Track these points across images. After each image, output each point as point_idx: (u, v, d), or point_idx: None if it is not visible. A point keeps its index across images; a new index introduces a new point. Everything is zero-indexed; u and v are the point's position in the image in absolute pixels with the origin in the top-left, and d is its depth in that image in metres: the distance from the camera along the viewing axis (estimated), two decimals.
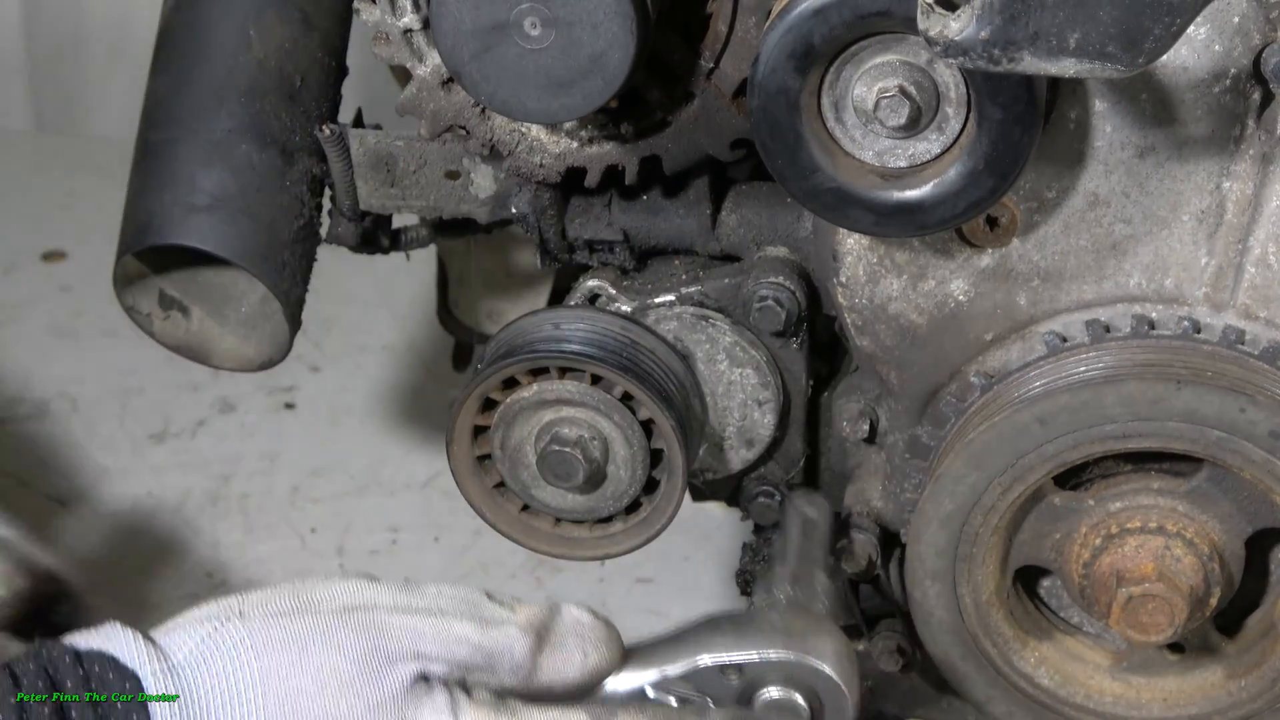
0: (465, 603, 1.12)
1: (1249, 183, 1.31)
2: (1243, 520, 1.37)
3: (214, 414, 2.73)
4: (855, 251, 1.39)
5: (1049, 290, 1.37)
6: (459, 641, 1.09)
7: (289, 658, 1.06)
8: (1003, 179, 1.22)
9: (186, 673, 1.05)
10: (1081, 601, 1.41)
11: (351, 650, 1.07)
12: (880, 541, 1.52)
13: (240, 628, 1.07)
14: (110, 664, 1.03)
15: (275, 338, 1.58)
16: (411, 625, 1.09)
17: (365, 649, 1.07)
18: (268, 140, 1.52)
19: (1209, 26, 1.24)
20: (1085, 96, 1.29)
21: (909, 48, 1.20)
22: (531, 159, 1.44)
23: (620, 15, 1.23)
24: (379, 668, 1.07)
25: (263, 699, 1.04)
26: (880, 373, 1.46)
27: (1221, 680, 1.44)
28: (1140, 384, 1.30)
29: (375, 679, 1.06)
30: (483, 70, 1.27)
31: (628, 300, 1.51)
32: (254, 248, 1.50)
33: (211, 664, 1.05)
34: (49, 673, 1.02)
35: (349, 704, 1.05)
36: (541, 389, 1.41)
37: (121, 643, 1.05)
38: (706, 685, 1.17)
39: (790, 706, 1.17)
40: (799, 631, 1.19)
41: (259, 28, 1.53)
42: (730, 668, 1.16)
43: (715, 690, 1.17)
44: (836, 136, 1.24)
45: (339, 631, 1.07)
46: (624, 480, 1.45)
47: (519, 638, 1.11)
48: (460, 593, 1.13)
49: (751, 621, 1.21)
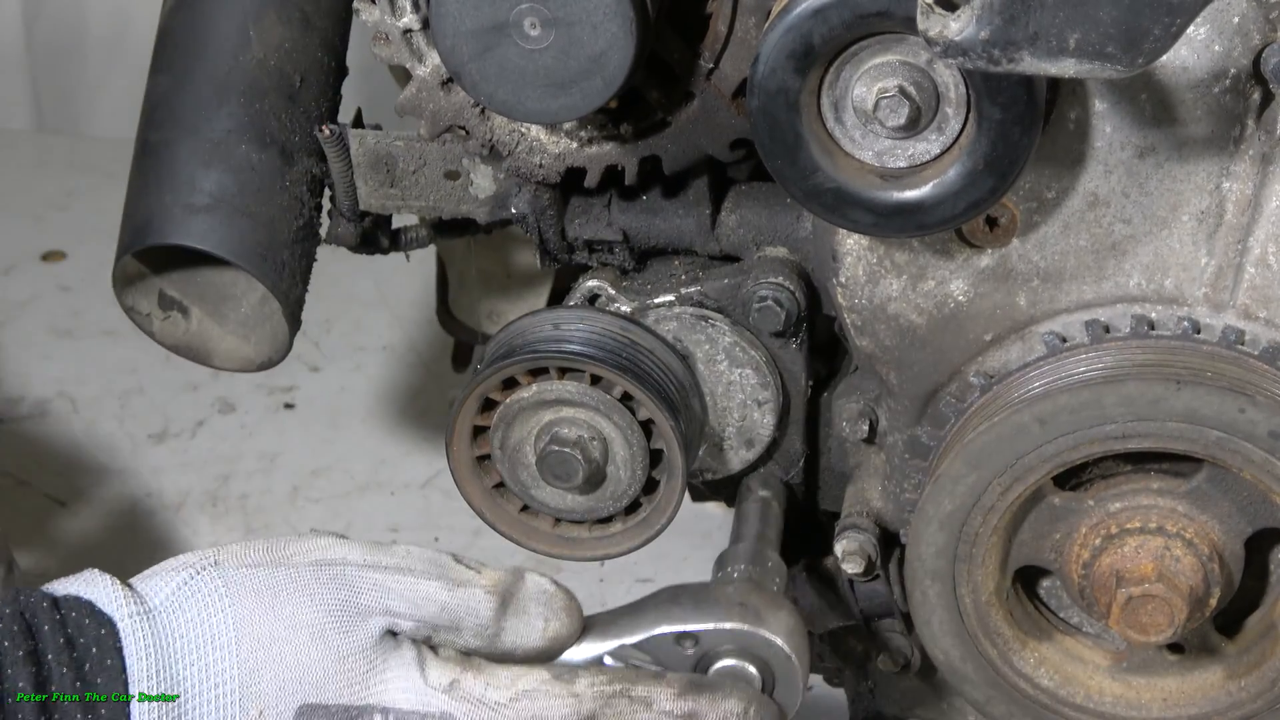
0: (433, 563, 1.14)
1: (1249, 183, 1.31)
2: (1242, 520, 1.37)
3: (214, 414, 2.73)
4: (855, 252, 1.39)
5: (1049, 290, 1.37)
6: (426, 600, 1.12)
7: (262, 606, 1.08)
8: (1002, 179, 1.22)
9: (162, 616, 1.07)
10: (1081, 602, 1.41)
11: (324, 602, 1.09)
12: (880, 541, 1.52)
13: (216, 576, 1.09)
14: (87, 609, 1.05)
15: (275, 338, 1.58)
16: (381, 581, 1.11)
17: (337, 601, 1.09)
18: (267, 140, 1.52)
19: (1209, 26, 1.24)
20: (1085, 96, 1.29)
21: (909, 48, 1.20)
22: (531, 159, 1.44)
23: (620, 15, 1.23)
24: (350, 619, 1.09)
25: (236, 644, 1.06)
26: (880, 373, 1.46)
27: (1221, 681, 1.44)
28: (1140, 384, 1.30)
29: (346, 630, 1.09)
30: (482, 70, 1.27)
31: (627, 300, 1.51)
32: (253, 248, 1.50)
33: (187, 609, 1.07)
34: (25, 617, 1.03)
35: (320, 653, 1.07)
36: (541, 389, 1.41)
37: (99, 588, 1.07)
38: (662, 654, 1.19)
39: (743, 675, 1.20)
40: (754, 605, 1.21)
41: (259, 28, 1.53)
42: (686, 637, 1.19)
43: (671, 659, 1.19)
44: (836, 137, 1.24)
45: (311, 583, 1.10)
46: (624, 481, 1.45)
47: (485, 599, 1.13)
48: (428, 554, 1.15)
49: (708, 594, 1.23)
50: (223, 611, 1.07)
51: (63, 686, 1.02)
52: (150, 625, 1.06)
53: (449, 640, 1.13)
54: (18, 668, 1.01)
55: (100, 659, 1.03)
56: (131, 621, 1.05)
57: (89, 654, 1.03)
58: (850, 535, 1.51)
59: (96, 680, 1.03)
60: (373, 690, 1.08)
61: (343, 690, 1.07)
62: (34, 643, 1.02)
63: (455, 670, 1.11)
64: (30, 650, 1.01)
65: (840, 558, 1.51)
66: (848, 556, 1.51)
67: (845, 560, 1.51)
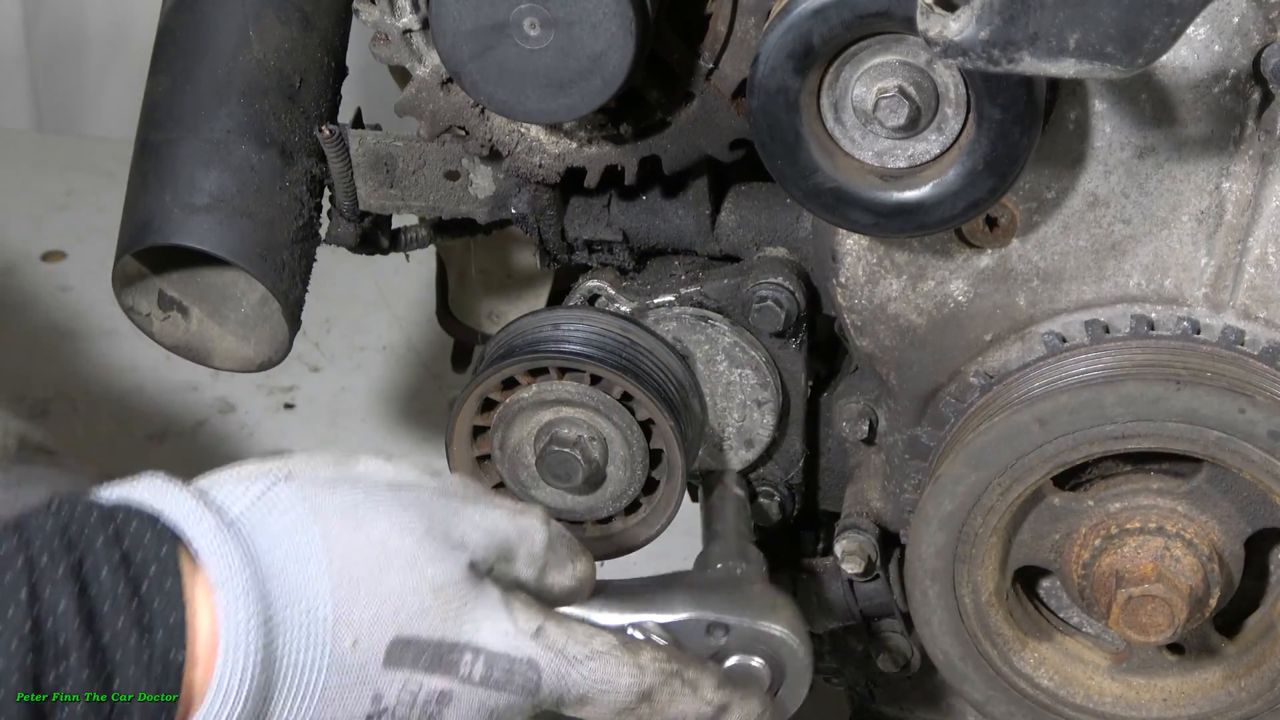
0: (485, 491, 1.10)
1: (1249, 183, 1.31)
2: (1242, 520, 1.37)
3: (214, 414, 2.73)
4: (855, 252, 1.39)
5: (1048, 291, 1.37)
6: (495, 527, 1.07)
7: (350, 527, 1.00)
8: (1002, 179, 1.22)
9: (247, 529, 0.97)
10: (1081, 602, 1.41)
11: (411, 528, 1.02)
12: (880, 541, 1.52)
13: (295, 489, 1.00)
14: (149, 523, 0.95)
15: (275, 338, 1.58)
16: (458, 509, 1.06)
17: (423, 528, 1.03)
18: (267, 140, 1.52)
19: (1209, 26, 1.24)
20: (1085, 97, 1.29)
21: (908, 48, 1.20)
22: (531, 159, 1.44)
23: (620, 15, 1.23)
24: (438, 548, 1.03)
25: (328, 565, 0.98)
26: (880, 373, 1.46)
27: (1221, 681, 1.44)
28: (1140, 384, 1.30)
29: (437, 559, 1.02)
30: (482, 71, 1.27)
31: (627, 300, 1.51)
32: (253, 248, 1.50)
33: (274, 523, 0.98)
34: (67, 530, 0.92)
35: (414, 582, 1.01)
36: (541, 389, 1.41)
37: (163, 496, 0.97)
38: (685, 637, 1.19)
39: (756, 672, 1.20)
40: (779, 607, 1.22)
41: (258, 28, 1.53)
42: (719, 627, 1.19)
43: (694, 644, 1.19)
44: (836, 137, 1.24)
45: (394, 507, 1.03)
46: (623, 481, 1.45)
47: (540, 529, 1.10)
48: (476, 484, 1.11)
49: (740, 587, 1.24)
50: (310, 529, 0.98)
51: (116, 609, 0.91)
52: (235, 538, 0.96)
53: (503, 571, 1.08)
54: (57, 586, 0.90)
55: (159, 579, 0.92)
56: (217, 534, 0.95)
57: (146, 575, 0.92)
58: (850, 535, 1.51)
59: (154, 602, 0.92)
60: (465, 627, 1.02)
61: (437, 625, 1.01)
62: (79, 557, 0.91)
63: (540, 616, 1.06)
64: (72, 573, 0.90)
65: (840, 558, 1.51)
66: (848, 556, 1.51)
67: (845, 560, 1.51)
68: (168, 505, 0.96)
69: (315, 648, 0.97)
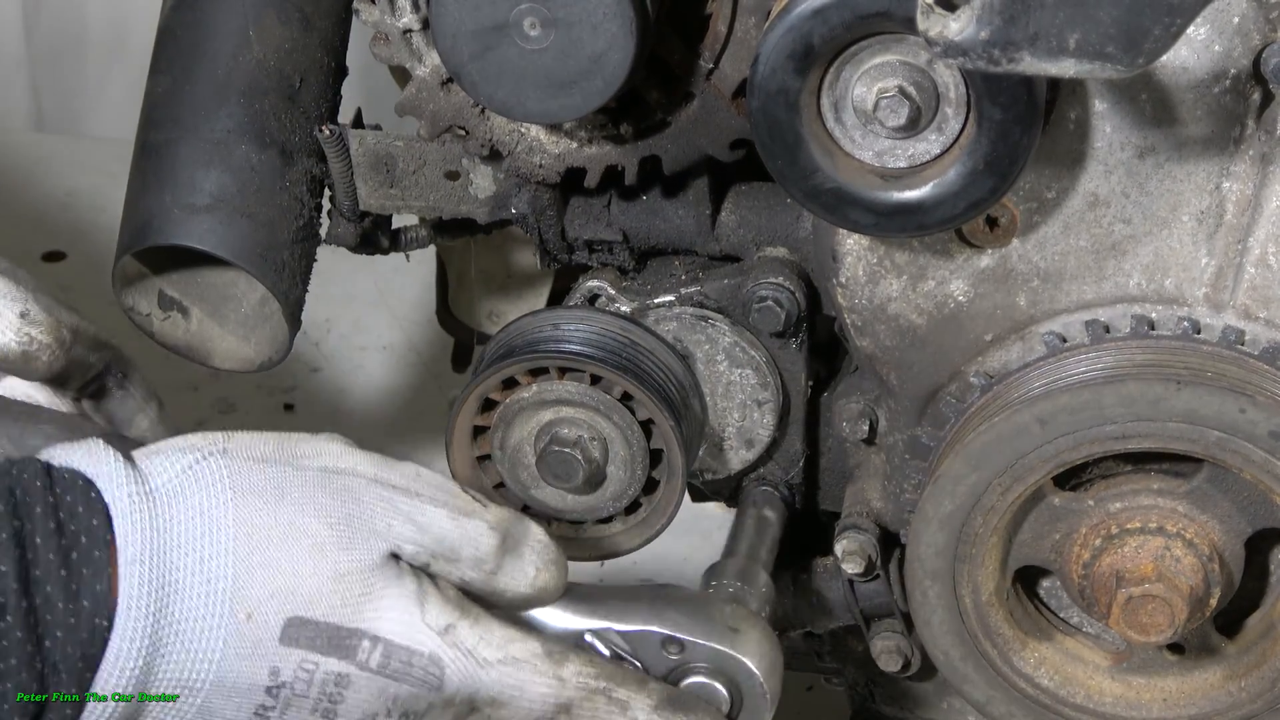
0: (441, 489, 1.11)
1: (1249, 183, 1.31)
2: (1243, 521, 1.37)
3: (214, 414, 2.72)
4: (855, 252, 1.39)
5: (1049, 291, 1.37)
6: (431, 525, 1.09)
7: (266, 507, 1.05)
8: (1002, 179, 1.22)
9: (162, 499, 1.04)
10: (1081, 602, 1.41)
11: (328, 513, 1.06)
12: (880, 541, 1.52)
13: (222, 465, 1.06)
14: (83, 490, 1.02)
15: (275, 338, 1.58)
16: (389, 500, 1.09)
17: (342, 515, 1.06)
18: (267, 140, 1.52)
19: (1209, 26, 1.24)
20: (1085, 96, 1.29)
21: (908, 48, 1.20)
22: (531, 159, 1.44)
23: (620, 15, 1.23)
24: (353, 536, 1.06)
25: (234, 541, 1.03)
26: (880, 373, 1.45)
27: (1221, 681, 1.44)
28: (1140, 384, 1.30)
29: (347, 546, 1.06)
30: (482, 71, 1.27)
31: (627, 300, 1.51)
32: (253, 248, 1.50)
33: (189, 495, 1.04)
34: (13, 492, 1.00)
35: (315, 565, 1.05)
36: (541, 389, 1.41)
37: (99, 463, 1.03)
38: (643, 651, 1.19)
39: (714, 696, 1.19)
40: (745, 632, 1.21)
41: (258, 28, 1.53)
42: (674, 642, 1.19)
43: (649, 658, 1.19)
44: (836, 137, 1.24)
45: (318, 492, 1.07)
46: (623, 480, 1.45)
47: (487, 534, 1.11)
48: (436, 478, 1.13)
49: (705, 607, 1.23)
50: (225, 505, 1.04)
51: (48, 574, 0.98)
52: (149, 507, 1.03)
53: (445, 570, 1.10)
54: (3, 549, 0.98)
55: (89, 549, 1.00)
56: (130, 501, 1.02)
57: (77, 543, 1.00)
58: (850, 535, 1.51)
59: (83, 570, 1.00)
60: (366, 615, 1.05)
61: (335, 609, 1.05)
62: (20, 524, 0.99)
63: (453, 614, 1.08)
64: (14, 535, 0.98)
65: (840, 558, 1.51)
66: (848, 556, 1.51)
67: (845, 560, 1.51)
68: (100, 473, 1.03)
69: (211, 615, 1.02)
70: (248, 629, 1.03)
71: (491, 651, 1.09)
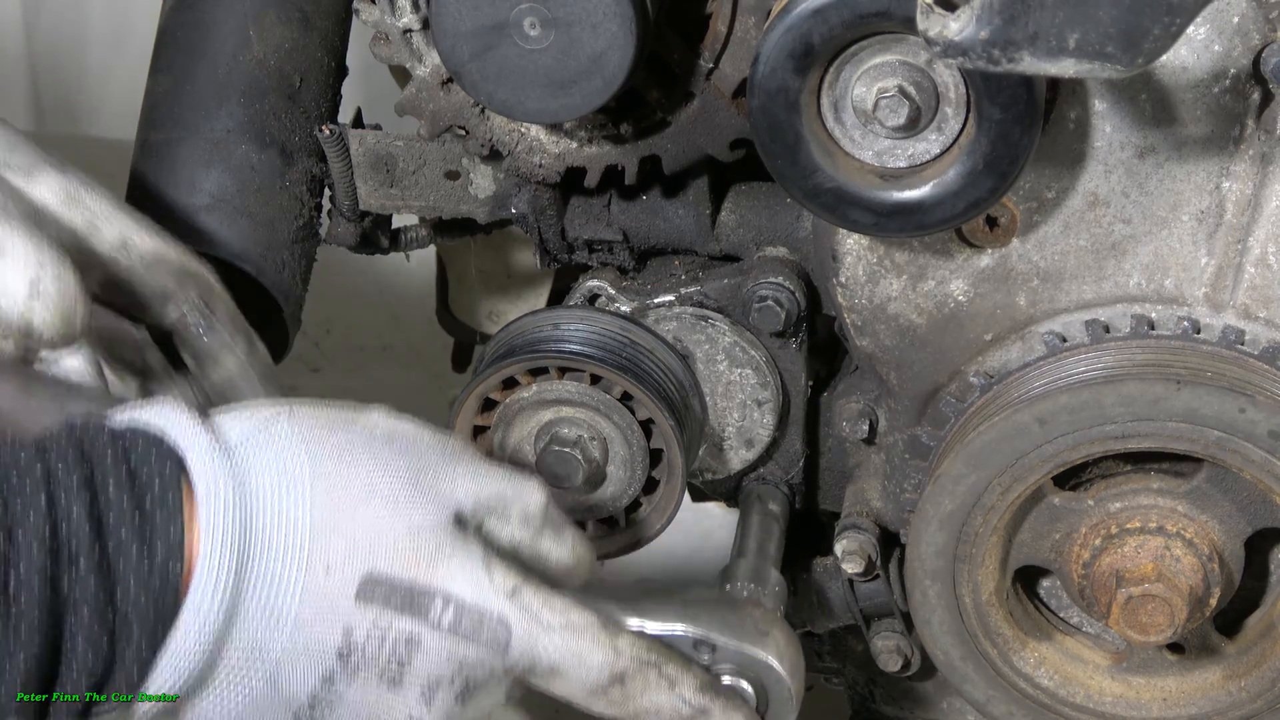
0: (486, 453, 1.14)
1: (1249, 183, 1.31)
2: (1242, 520, 1.37)
3: None
4: (855, 252, 1.39)
5: (1049, 290, 1.37)
6: (488, 480, 1.11)
7: (340, 464, 1.05)
8: (1002, 179, 1.22)
9: (240, 453, 1.03)
10: (1081, 602, 1.41)
11: (399, 472, 1.07)
12: (880, 541, 1.52)
13: (293, 424, 1.06)
14: (154, 443, 1.01)
15: (275, 338, 1.58)
16: (450, 459, 1.10)
17: (410, 474, 1.07)
18: (267, 140, 1.52)
19: (1209, 26, 1.24)
20: (1085, 96, 1.29)
21: (908, 48, 1.20)
22: (531, 159, 1.44)
23: (620, 15, 1.23)
24: (424, 494, 1.07)
25: (312, 496, 1.03)
26: (880, 373, 1.46)
27: (1221, 680, 1.44)
28: (1140, 384, 1.30)
29: (420, 504, 1.06)
30: (482, 70, 1.27)
31: (627, 300, 1.51)
32: (253, 248, 1.50)
33: (265, 450, 1.03)
34: (83, 449, 0.99)
35: (392, 521, 1.05)
36: (541, 389, 1.41)
37: (170, 419, 1.03)
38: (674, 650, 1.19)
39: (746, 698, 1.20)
40: (774, 637, 1.22)
41: (259, 28, 1.53)
42: (705, 645, 1.19)
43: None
44: (836, 136, 1.24)
45: (386, 452, 1.07)
46: (623, 480, 1.45)
47: (538, 491, 1.14)
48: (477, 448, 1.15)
49: (736, 610, 1.23)
50: (301, 460, 1.04)
51: (120, 520, 0.97)
52: (228, 462, 1.02)
53: (496, 529, 1.11)
54: (71, 495, 0.96)
55: (162, 495, 0.98)
56: (207, 457, 1.01)
57: (150, 492, 0.98)
58: (850, 535, 1.51)
59: (155, 516, 0.98)
60: (439, 574, 1.05)
61: (410, 565, 1.04)
62: (89, 470, 0.97)
63: (518, 578, 1.08)
64: (85, 486, 0.97)
65: (840, 558, 1.51)
66: (848, 556, 1.51)
67: (845, 560, 1.51)
68: (172, 427, 1.02)
69: (290, 569, 1.01)
70: (325, 583, 1.02)
71: (555, 617, 1.09)
